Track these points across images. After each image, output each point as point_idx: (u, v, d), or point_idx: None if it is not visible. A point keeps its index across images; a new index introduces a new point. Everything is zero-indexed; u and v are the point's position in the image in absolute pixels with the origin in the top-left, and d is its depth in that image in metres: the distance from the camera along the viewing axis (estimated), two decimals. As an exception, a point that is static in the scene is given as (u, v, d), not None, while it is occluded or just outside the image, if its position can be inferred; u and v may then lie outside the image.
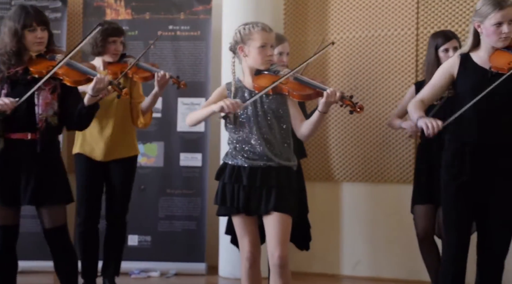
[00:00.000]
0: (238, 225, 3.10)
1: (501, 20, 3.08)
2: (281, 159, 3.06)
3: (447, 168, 3.20)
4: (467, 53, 3.22)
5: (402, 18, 4.72)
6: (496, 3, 3.08)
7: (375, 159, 4.79)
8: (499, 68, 3.10)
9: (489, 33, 3.12)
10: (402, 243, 4.62)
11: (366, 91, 4.81)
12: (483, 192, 3.14)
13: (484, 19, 3.11)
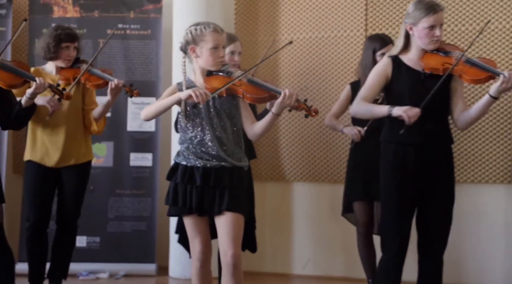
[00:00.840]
0: (190, 225, 3.10)
1: (434, 23, 3.19)
2: (234, 159, 3.07)
3: (388, 168, 3.27)
4: (397, 55, 3.30)
5: (351, 19, 4.79)
6: (429, 7, 3.19)
7: (326, 159, 4.84)
8: (433, 69, 3.21)
9: (421, 36, 3.22)
10: (350, 242, 4.69)
11: (316, 92, 4.86)
12: (422, 191, 3.23)
13: (417, 22, 3.20)
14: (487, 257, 4.50)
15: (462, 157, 4.52)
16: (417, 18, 3.22)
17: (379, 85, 3.31)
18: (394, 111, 3.19)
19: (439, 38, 3.23)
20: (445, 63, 3.21)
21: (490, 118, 4.46)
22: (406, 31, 3.28)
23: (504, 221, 4.38)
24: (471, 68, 3.21)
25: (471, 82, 3.30)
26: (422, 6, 3.21)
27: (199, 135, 3.06)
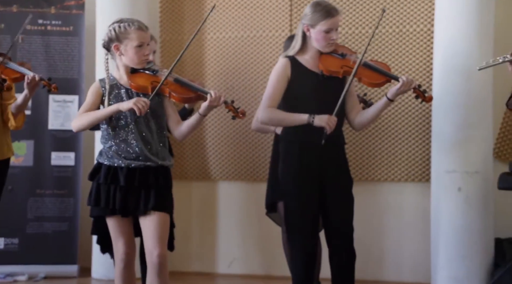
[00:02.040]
0: (113, 226, 3.05)
1: (331, 27, 3.27)
2: (159, 158, 3.04)
3: (292, 167, 3.34)
4: (294, 56, 3.36)
5: (276, 19, 4.83)
6: (328, 11, 3.26)
7: (251, 157, 4.87)
8: (332, 71, 3.30)
9: (318, 38, 3.29)
10: (275, 241, 4.73)
11: (242, 91, 4.88)
12: (323, 189, 3.32)
13: (314, 24, 3.27)
14: (408, 253, 4.65)
15: (383, 156, 4.65)
16: (314, 20, 3.28)
17: (282, 88, 3.34)
18: (316, 121, 3.23)
19: (335, 41, 3.31)
20: (344, 66, 3.30)
21: (409, 118, 4.61)
22: (303, 32, 3.34)
23: (422, 218, 4.52)
24: (370, 72, 3.33)
25: (369, 85, 3.43)
26: (321, 9, 3.28)
27: (123, 134, 3.01)
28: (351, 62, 3.32)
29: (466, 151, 4.18)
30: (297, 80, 3.34)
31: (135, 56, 3.00)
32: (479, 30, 4.16)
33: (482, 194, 4.17)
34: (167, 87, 3.01)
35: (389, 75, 3.36)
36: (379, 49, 4.62)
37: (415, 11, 4.58)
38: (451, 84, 4.20)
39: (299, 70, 3.34)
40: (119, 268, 3.07)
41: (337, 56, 3.35)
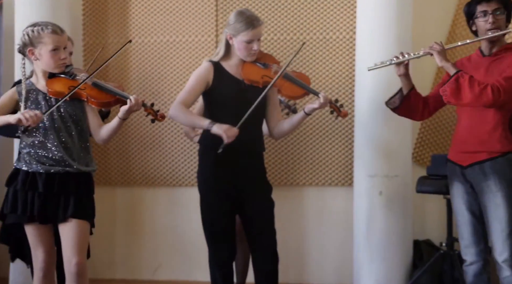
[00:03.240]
0: (32, 234, 2.99)
1: (252, 38, 3.35)
2: (80, 164, 3.00)
3: (204, 174, 3.39)
4: (218, 61, 3.40)
5: (201, 24, 4.84)
6: (249, 22, 3.34)
7: (176, 163, 4.86)
8: (252, 81, 3.39)
9: (240, 48, 3.37)
10: (200, 246, 4.72)
11: (167, 96, 4.86)
12: (242, 195, 3.38)
13: (237, 33, 3.33)
14: (330, 256, 4.74)
15: (307, 161, 4.73)
16: (236, 30, 3.34)
17: (199, 90, 3.40)
18: (214, 128, 3.28)
19: (256, 51, 3.38)
20: (265, 76, 3.37)
21: (332, 123, 4.70)
22: (227, 39, 3.39)
23: (345, 222, 4.62)
24: (289, 84, 3.42)
25: (288, 97, 3.53)
26: (243, 19, 3.34)
27: (41, 139, 2.95)
28: (272, 73, 3.38)
29: (387, 156, 4.30)
30: (220, 85, 3.37)
31: (51, 60, 2.95)
32: (398, 38, 4.29)
33: (401, 197, 4.30)
34: (85, 92, 2.97)
35: (308, 89, 3.45)
36: (303, 56, 4.70)
37: (337, 19, 4.69)
38: (372, 91, 4.31)
39: (222, 76, 3.38)
40: (38, 278, 3.02)
41: (260, 65, 3.41)
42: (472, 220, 3.34)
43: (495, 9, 3.27)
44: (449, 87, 3.23)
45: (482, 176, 3.28)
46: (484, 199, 3.28)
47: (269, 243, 3.41)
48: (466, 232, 3.36)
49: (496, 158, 3.27)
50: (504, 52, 3.32)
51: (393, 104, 3.56)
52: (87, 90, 2.98)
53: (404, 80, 3.49)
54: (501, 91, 3.17)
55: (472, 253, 3.35)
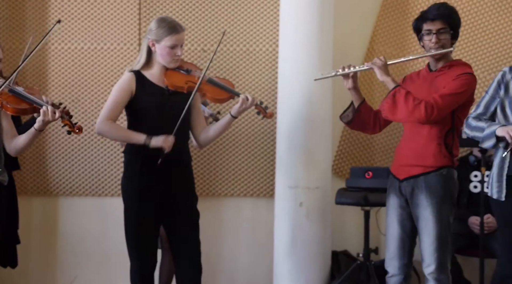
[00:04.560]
0: None
1: (176, 43, 3.37)
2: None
3: (130, 183, 3.39)
4: (139, 70, 3.42)
5: (124, 32, 4.80)
6: (172, 27, 3.36)
7: (94, 172, 4.79)
8: (177, 86, 3.40)
9: (163, 54, 3.38)
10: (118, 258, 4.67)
11: (88, 104, 4.79)
12: (167, 204, 3.39)
13: (160, 39, 3.35)
14: (252, 266, 4.79)
15: (230, 172, 4.77)
16: (159, 35, 3.36)
17: (123, 102, 3.39)
18: (153, 142, 3.29)
19: (179, 57, 3.40)
20: (189, 82, 3.40)
21: (254, 134, 4.76)
22: (148, 46, 3.39)
23: (266, 233, 4.68)
24: (213, 88, 3.46)
25: (213, 101, 3.57)
26: (166, 25, 3.36)
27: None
28: (196, 78, 3.41)
29: (308, 167, 4.39)
30: (142, 94, 3.37)
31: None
32: (319, 52, 4.41)
33: (321, 209, 4.41)
34: (1, 97, 2.90)
35: (232, 92, 3.50)
36: (227, 67, 4.75)
37: (260, 31, 4.76)
38: (294, 103, 4.41)
39: (144, 85, 3.37)
40: None
41: (183, 72, 3.43)
42: (401, 234, 3.40)
43: (439, 28, 3.34)
44: (387, 102, 3.31)
45: (415, 190, 3.34)
46: (416, 212, 3.35)
47: (194, 254, 3.42)
48: (392, 244, 3.43)
49: (429, 173, 3.33)
50: (448, 68, 3.38)
51: (347, 118, 3.58)
52: (3, 96, 2.91)
53: (354, 94, 3.50)
54: (434, 109, 3.23)
55: (395, 266, 3.42)
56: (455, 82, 3.30)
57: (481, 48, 4.72)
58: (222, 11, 4.77)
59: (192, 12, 4.78)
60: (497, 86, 3.28)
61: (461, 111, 3.37)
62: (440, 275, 3.32)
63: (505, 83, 3.24)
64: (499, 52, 4.71)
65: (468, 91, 3.33)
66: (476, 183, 4.40)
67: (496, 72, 4.59)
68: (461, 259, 4.41)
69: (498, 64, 4.70)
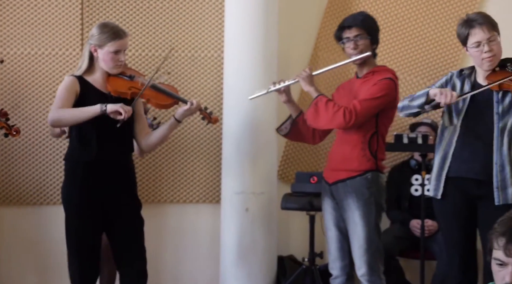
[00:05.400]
0: None
1: (119, 48, 3.40)
2: None
3: (72, 190, 3.38)
4: (81, 76, 3.42)
5: (66, 37, 4.75)
6: (115, 32, 3.39)
7: (37, 179, 4.71)
8: (120, 92, 3.42)
9: (106, 59, 3.40)
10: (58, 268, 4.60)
11: (29, 110, 4.72)
12: (110, 212, 3.39)
13: (102, 45, 3.36)
14: (199, 273, 4.80)
15: (176, 178, 4.78)
16: (102, 41, 3.36)
17: (71, 99, 3.37)
18: (109, 107, 3.27)
19: (122, 63, 3.42)
20: (132, 88, 3.42)
21: (200, 140, 4.79)
22: (91, 52, 3.40)
23: (213, 239, 4.70)
24: (157, 94, 3.49)
25: (157, 107, 3.61)
26: (108, 30, 3.37)
27: None
28: (139, 84, 3.43)
29: (253, 173, 4.44)
30: (85, 99, 3.36)
31: None
32: (264, 58, 4.48)
33: (267, 214, 4.47)
34: None
35: (176, 97, 3.53)
36: (172, 73, 4.76)
37: (205, 37, 4.79)
38: (239, 109, 4.46)
39: (87, 90, 3.37)
40: None
41: (126, 78, 3.44)
42: (339, 236, 3.54)
43: (356, 35, 3.51)
44: (309, 111, 3.44)
45: (343, 194, 3.49)
46: (346, 216, 3.49)
47: (138, 262, 3.42)
48: (332, 247, 3.57)
49: (355, 177, 3.48)
50: (371, 75, 3.54)
51: (284, 131, 3.71)
52: None
53: (290, 107, 3.65)
54: (353, 114, 3.37)
55: (337, 267, 3.55)
56: (374, 88, 3.46)
57: (409, 54, 4.87)
58: (167, 16, 4.78)
59: (136, 17, 4.77)
60: (444, 83, 3.40)
61: (384, 116, 3.53)
62: (371, 277, 3.45)
63: (452, 84, 3.38)
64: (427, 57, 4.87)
65: (388, 95, 3.48)
66: (417, 186, 4.55)
67: (424, 75, 4.78)
68: (403, 262, 4.54)
69: (427, 68, 4.85)
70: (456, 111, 3.33)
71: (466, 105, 3.29)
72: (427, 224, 4.30)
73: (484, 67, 3.27)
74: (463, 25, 3.28)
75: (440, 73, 4.76)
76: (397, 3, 4.86)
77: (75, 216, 3.34)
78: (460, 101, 3.29)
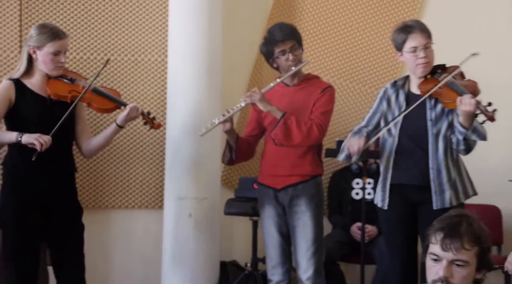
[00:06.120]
0: None
1: (59, 49, 3.40)
2: None
3: (10, 196, 3.35)
4: (18, 79, 3.39)
5: (4, 39, 4.66)
6: (55, 33, 3.39)
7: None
8: (60, 96, 3.41)
9: (46, 61, 3.37)
10: None
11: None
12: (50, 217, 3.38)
13: (41, 46, 3.33)
14: (139, 281, 4.77)
15: (118, 183, 4.75)
16: (41, 42, 3.33)
17: (2, 110, 3.34)
18: (24, 138, 3.24)
19: (63, 64, 3.40)
20: (72, 91, 3.41)
21: (143, 145, 4.77)
22: (29, 54, 3.36)
23: (155, 245, 4.68)
24: (99, 97, 3.48)
25: (99, 111, 3.60)
26: (48, 31, 3.35)
27: None
28: (80, 88, 3.41)
29: (197, 178, 4.46)
30: (23, 103, 3.32)
31: None
32: (208, 63, 4.50)
33: (210, 220, 4.49)
34: None
35: (118, 102, 3.52)
36: (114, 77, 4.74)
37: (149, 41, 4.79)
38: (183, 113, 4.47)
39: (24, 94, 3.33)
40: None
41: (66, 81, 3.42)
42: (281, 242, 3.63)
43: (291, 46, 3.60)
44: (280, 131, 3.51)
45: (294, 198, 3.58)
46: (294, 219, 3.57)
47: (77, 269, 3.40)
48: (274, 253, 3.64)
49: (307, 181, 3.58)
50: (305, 82, 3.67)
51: (227, 159, 3.77)
52: None
53: (230, 134, 3.69)
54: (323, 127, 3.55)
55: (279, 273, 3.63)
56: (325, 98, 3.62)
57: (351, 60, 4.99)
58: (109, 19, 4.75)
59: (78, 19, 4.72)
60: (379, 101, 3.57)
61: None
62: (317, 279, 3.55)
63: (387, 98, 3.52)
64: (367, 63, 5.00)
65: (334, 103, 3.67)
66: (358, 190, 4.66)
67: (365, 82, 4.90)
68: (343, 266, 4.64)
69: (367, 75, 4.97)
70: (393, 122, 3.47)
71: (402, 115, 3.42)
72: (367, 229, 4.40)
73: (417, 73, 3.43)
74: (401, 31, 3.42)
75: (381, 80, 4.89)
76: (340, 11, 4.96)
77: (13, 223, 3.29)
78: (396, 112, 3.44)
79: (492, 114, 3.25)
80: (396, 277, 3.46)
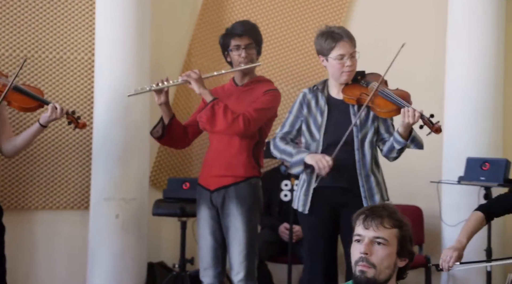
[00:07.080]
0: None
1: None
2: None
3: None
4: None
5: None
6: None
7: None
8: None
9: None
10: None
11: None
12: None
13: None
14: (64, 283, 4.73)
15: (41, 184, 4.67)
16: None
17: None
18: None
19: None
20: None
21: (69, 145, 4.71)
22: None
23: (81, 247, 4.63)
24: (21, 96, 3.48)
25: (20, 109, 3.57)
26: None
27: None
28: (0, 85, 3.36)
29: (124, 179, 4.45)
30: None
31: None
32: (136, 62, 4.50)
33: (137, 220, 4.48)
34: None
35: (40, 100, 3.48)
36: (39, 75, 4.66)
37: (75, 39, 4.73)
38: (110, 113, 4.45)
39: None
40: None
41: None
42: (214, 245, 3.63)
43: (247, 44, 3.62)
44: (205, 114, 3.50)
45: (226, 200, 3.58)
46: (227, 221, 3.58)
47: None
48: (206, 255, 3.64)
49: (239, 182, 3.58)
50: (254, 84, 3.68)
51: (156, 134, 3.72)
52: None
53: (164, 109, 3.66)
54: (251, 122, 3.51)
55: (210, 275, 3.64)
56: (265, 98, 3.60)
57: (282, 64, 5.09)
58: (33, 16, 4.67)
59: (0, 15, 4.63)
60: (299, 106, 3.60)
61: (266, 125, 3.70)
62: (248, 281, 3.58)
63: (307, 103, 3.58)
64: (302, 69, 5.10)
65: (275, 107, 3.67)
66: (287, 191, 4.74)
67: (297, 87, 5.00)
68: (271, 266, 4.71)
69: (297, 78, 5.08)
70: (316, 127, 3.54)
71: (325, 120, 3.50)
72: (295, 229, 4.49)
73: (341, 80, 3.51)
74: (328, 37, 3.47)
75: (308, 82, 4.99)
76: (269, 13, 5.03)
77: None
78: (318, 117, 3.51)
79: (437, 126, 3.31)
80: (318, 279, 3.53)
